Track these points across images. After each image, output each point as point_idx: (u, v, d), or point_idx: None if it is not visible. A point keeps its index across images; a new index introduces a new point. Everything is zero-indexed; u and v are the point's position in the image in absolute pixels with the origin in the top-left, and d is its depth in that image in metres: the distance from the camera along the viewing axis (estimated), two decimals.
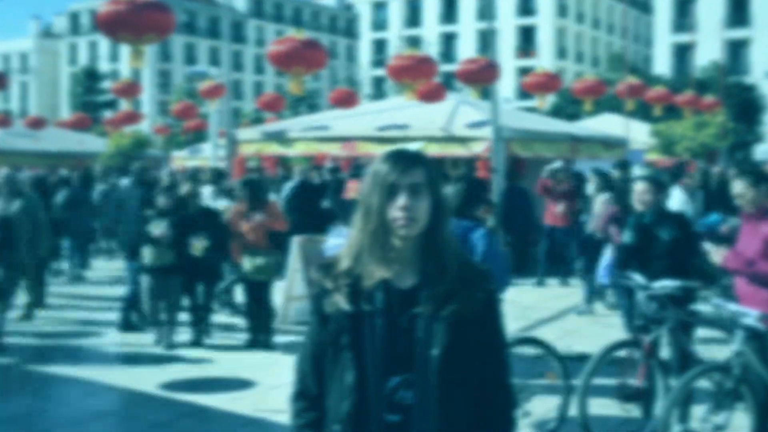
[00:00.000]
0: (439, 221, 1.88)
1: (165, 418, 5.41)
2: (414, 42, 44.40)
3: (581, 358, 5.82)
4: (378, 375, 1.84)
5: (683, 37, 44.95)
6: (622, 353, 4.90)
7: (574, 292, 9.93)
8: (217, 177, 11.43)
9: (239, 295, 8.20)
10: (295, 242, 8.04)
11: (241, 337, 7.57)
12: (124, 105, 26.63)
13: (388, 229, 1.85)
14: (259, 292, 7.33)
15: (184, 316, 7.58)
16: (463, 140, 11.89)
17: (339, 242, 7.14)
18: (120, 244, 10.21)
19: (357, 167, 12.09)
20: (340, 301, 1.88)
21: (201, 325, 7.50)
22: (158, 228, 7.11)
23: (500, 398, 1.94)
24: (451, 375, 1.83)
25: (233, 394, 5.90)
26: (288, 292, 8.08)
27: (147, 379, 6.22)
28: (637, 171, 9.26)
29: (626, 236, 5.27)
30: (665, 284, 4.69)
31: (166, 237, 7.10)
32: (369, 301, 1.86)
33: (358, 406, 1.84)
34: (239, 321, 8.06)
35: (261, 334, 7.32)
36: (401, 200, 1.84)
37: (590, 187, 9.31)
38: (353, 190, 10.01)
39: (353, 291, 1.87)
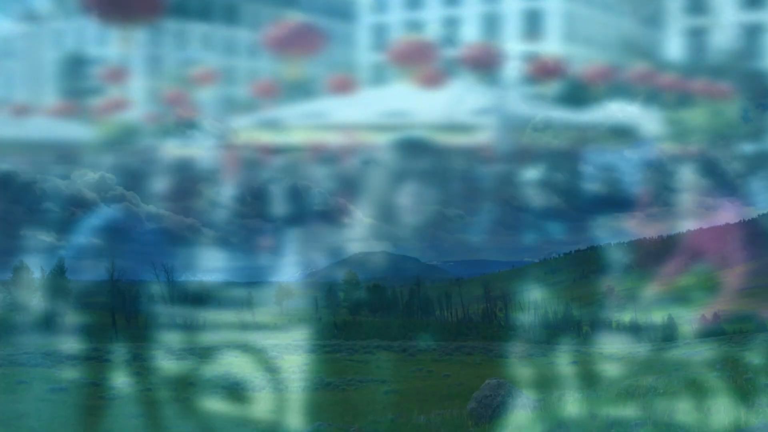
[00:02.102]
0: (443, 211, 1.19)
1: (165, 416, 4.87)
2: (416, 26, 43.48)
3: None
4: None
5: (697, 21, 43.95)
6: None
7: None
8: None
9: None
10: None
11: None
12: (113, 92, 25.84)
13: (393, 218, 1.19)
14: None
15: None
16: (466, 128, 11.33)
17: None
18: None
19: None
20: None
21: None
22: None
23: None
24: None
25: (232, 394, 5.37)
26: None
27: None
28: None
29: None
30: None
31: None
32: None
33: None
34: None
35: None
36: (407, 190, 1.16)
37: None
38: None
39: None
